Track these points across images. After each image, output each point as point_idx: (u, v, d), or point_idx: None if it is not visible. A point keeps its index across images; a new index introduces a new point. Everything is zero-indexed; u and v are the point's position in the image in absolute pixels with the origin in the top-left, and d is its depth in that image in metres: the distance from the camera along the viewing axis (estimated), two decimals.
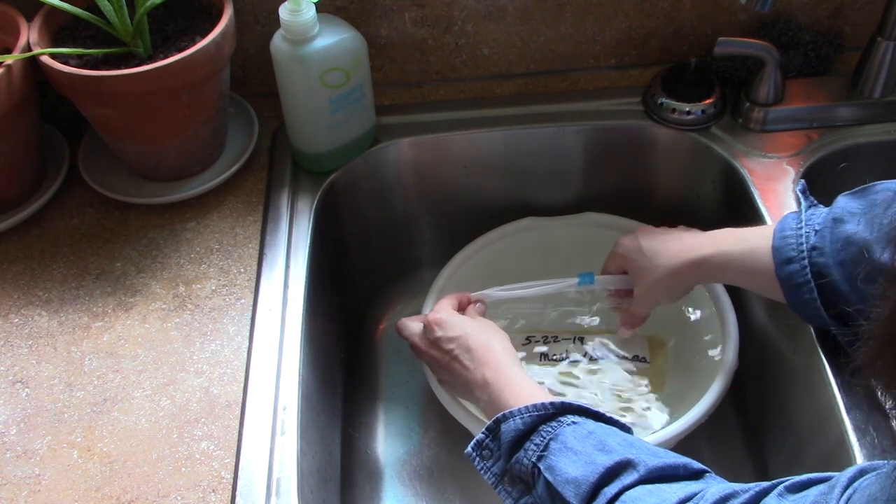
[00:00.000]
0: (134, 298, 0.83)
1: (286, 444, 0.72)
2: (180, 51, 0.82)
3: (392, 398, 1.03)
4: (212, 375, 0.76)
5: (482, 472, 0.67)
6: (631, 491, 0.58)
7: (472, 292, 0.90)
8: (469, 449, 0.68)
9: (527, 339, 0.99)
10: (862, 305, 0.66)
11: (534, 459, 0.63)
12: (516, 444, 0.65)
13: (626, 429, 0.65)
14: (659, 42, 1.03)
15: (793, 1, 0.99)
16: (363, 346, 1.09)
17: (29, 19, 0.85)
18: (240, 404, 0.74)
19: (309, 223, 0.90)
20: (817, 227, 0.70)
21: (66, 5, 0.83)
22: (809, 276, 0.69)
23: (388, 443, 0.99)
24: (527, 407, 0.66)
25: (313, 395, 0.81)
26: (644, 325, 0.98)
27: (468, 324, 0.81)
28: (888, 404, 0.42)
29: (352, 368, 1.04)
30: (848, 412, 0.71)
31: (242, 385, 0.75)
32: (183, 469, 0.70)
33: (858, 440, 0.69)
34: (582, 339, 0.99)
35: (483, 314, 0.87)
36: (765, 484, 0.54)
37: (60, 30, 0.87)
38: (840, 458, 0.70)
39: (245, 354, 0.78)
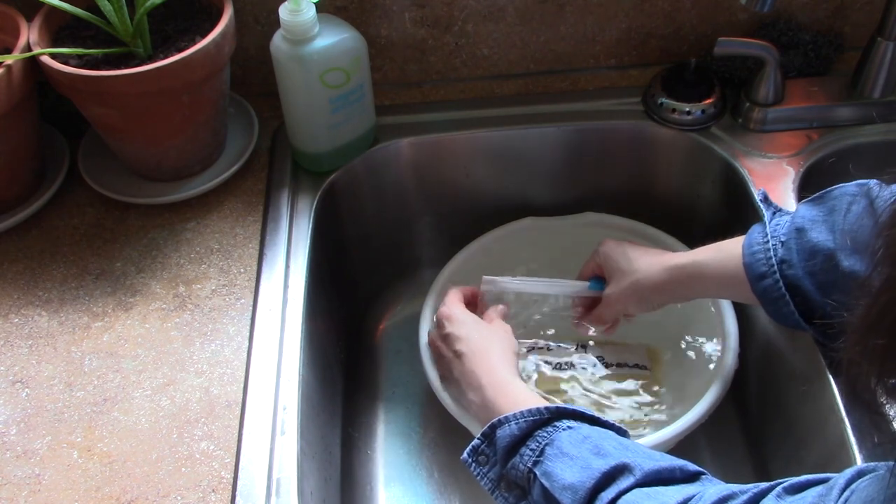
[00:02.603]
0: (134, 298, 0.83)
1: (286, 444, 0.72)
2: (180, 51, 0.82)
3: (392, 398, 1.03)
4: (212, 375, 0.76)
5: (478, 478, 0.67)
6: (628, 495, 0.58)
7: (484, 275, 0.91)
8: (465, 455, 0.68)
9: (529, 347, 0.99)
10: (835, 312, 0.66)
11: (529, 465, 0.63)
12: (512, 450, 0.65)
13: (621, 432, 0.65)
14: (659, 42, 1.03)
15: (793, 1, 0.99)
16: (363, 346, 1.09)
17: (29, 19, 0.85)
18: (240, 404, 0.74)
19: (309, 223, 0.90)
20: (783, 239, 0.71)
21: (66, 5, 0.83)
22: (784, 289, 0.70)
23: (388, 443, 0.99)
24: (522, 412, 0.66)
25: (313, 395, 0.81)
26: (645, 335, 0.98)
27: (477, 325, 0.81)
28: (870, 394, 0.42)
29: (352, 368, 1.04)
30: (848, 412, 0.71)
31: (242, 385, 0.75)
32: (183, 469, 0.70)
33: (858, 440, 0.69)
34: (585, 347, 0.99)
35: (506, 317, 0.86)
36: (763, 485, 0.54)
37: (60, 30, 0.87)
38: (840, 458, 0.70)
39: (245, 354, 0.78)
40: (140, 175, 0.93)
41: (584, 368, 0.97)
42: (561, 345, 0.99)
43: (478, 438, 0.68)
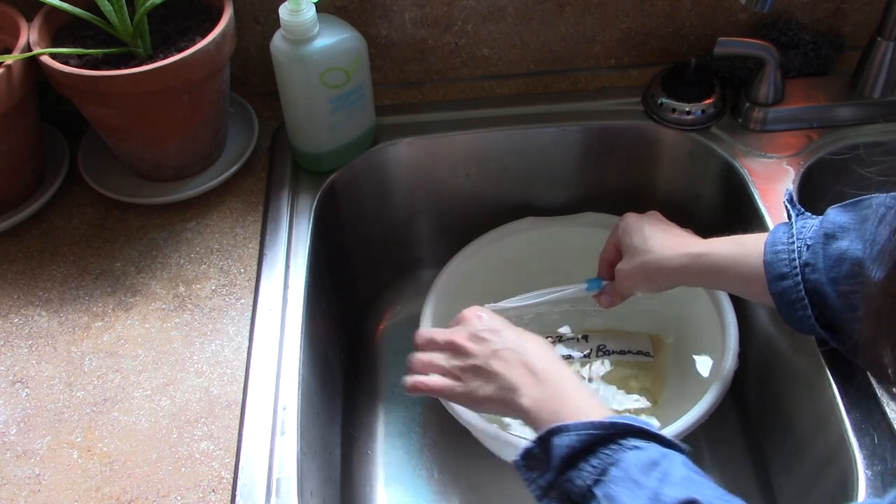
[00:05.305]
0: (134, 298, 0.83)
1: (286, 444, 0.72)
2: (180, 51, 0.82)
3: (392, 398, 1.03)
4: (212, 375, 0.76)
5: (527, 482, 0.63)
6: None
7: (486, 304, 0.89)
8: (517, 458, 0.64)
9: None
10: (854, 320, 0.65)
11: (589, 482, 0.59)
12: (569, 462, 0.61)
13: (684, 451, 0.61)
14: (659, 42, 1.03)
15: (793, 1, 0.99)
16: (363, 346, 1.09)
17: (29, 19, 0.85)
18: (240, 404, 0.74)
19: (309, 223, 0.90)
20: (809, 242, 0.69)
21: (66, 5, 0.83)
22: (803, 292, 0.69)
23: (388, 443, 0.99)
24: (584, 423, 0.61)
25: (313, 395, 0.81)
26: (647, 324, 0.98)
27: (507, 323, 0.76)
28: (888, 371, 0.41)
29: (352, 368, 1.04)
30: (848, 412, 0.71)
31: (242, 385, 0.75)
32: (183, 469, 0.70)
33: (858, 440, 0.69)
34: (587, 338, 0.99)
35: None
36: None
37: (60, 30, 0.87)
38: (840, 458, 0.70)
39: (245, 354, 0.78)
40: (140, 175, 0.93)
41: (586, 357, 0.97)
42: (564, 335, 0.99)
43: (532, 442, 0.64)
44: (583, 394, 0.67)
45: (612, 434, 0.60)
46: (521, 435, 0.82)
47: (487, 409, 0.75)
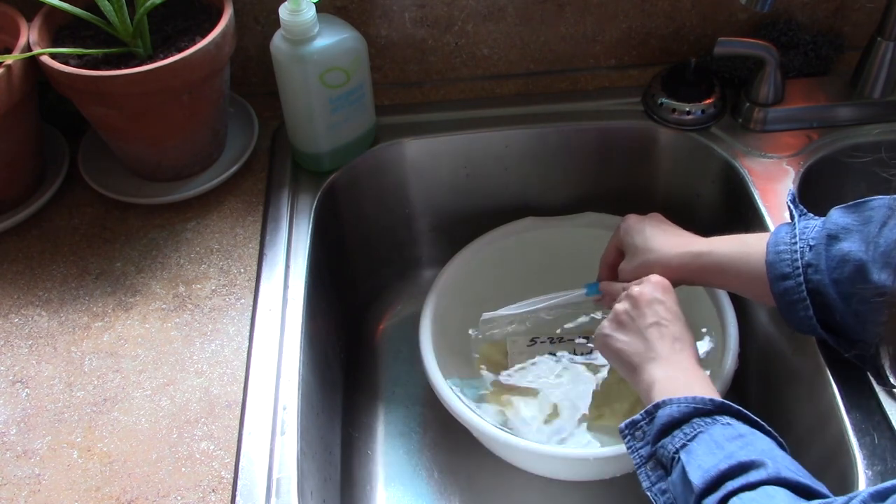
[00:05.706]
0: (134, 298, 0.83)
1: (286, 444, 0.72)
2: (180, 51, 0.82)
3: (392, 398, 1.03)
4: (212, 375, 0.76)
5: (630, 451, 0.67)
6: (751, 492, 0.57)
7: (484, 311, 0.90)
8: (623, 426, 0.68)
9: (532, 340, 0.99)
10: (855, 321, 0.65)
11: (678, 446, 0.63)
12: (666, 430, 0.64)
13: (780, 442, 0.64)
14: (659, 42, 1.03)
15: (793, 1, 0.99)
16: (363, 346, 1.09)
17: (29, 19, 0.85)
18: (240, 404, 0.74)
19: (309, 223, 0.90)
20: (812, 243, 0.70)
21: (66, 5, 0.83)
22: (805, 293, 0.69)
23: (388, 443, 0.99)
24: (686, 398, 0.65)
25: (313, 395, 0.81)
26: None
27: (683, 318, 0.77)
28: None
29: (352, 368, 1.04)
30: (848, 412, 0.71)
31: (242, 385, 0.75)
32: (183, 469, 0.70)
33: (858, 440, 0.69)
34: (587, 338, 0.99)
35: None
36: (854, 494, 0.53)
37: (60, 30, 0.87)
38: (840, 458, 0.70)
39: (245, 354, 0.78)
40: (140, 175, 0.93)
41: (586, 357, 0.97)
42: (563, 338, 0.99)
43: (640, 414, 0.67)
44: (698, 377, 0.70)
45: (710, 410, 0.64)
46: (520, 436, 0.82)
47: (617, 360, 0.76)
